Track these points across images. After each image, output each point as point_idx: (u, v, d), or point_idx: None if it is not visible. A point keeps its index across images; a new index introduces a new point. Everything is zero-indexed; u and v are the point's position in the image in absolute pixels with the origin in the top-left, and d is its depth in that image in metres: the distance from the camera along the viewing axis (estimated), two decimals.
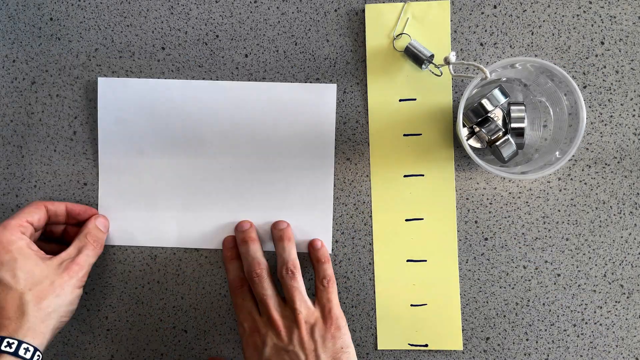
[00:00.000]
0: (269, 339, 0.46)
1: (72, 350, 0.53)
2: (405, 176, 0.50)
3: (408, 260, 0.50)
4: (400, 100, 0.50)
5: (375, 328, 0.50)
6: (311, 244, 0.50)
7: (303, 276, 0.49)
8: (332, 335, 0.46)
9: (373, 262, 0.50)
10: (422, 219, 0.50)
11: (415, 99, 0.49)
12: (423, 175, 0.50)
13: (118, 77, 0.51)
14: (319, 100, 0.50)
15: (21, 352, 0.41)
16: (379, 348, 0.50)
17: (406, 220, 0.50)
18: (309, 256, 0.50)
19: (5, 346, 0.40)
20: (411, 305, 0.50)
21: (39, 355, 0.42)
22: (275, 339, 0.46)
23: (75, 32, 0.52)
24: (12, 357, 0.40)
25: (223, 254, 0.50)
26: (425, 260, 0.50)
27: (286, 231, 0.49)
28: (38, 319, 0.42)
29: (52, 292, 0.44)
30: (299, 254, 0.50)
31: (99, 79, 0.51)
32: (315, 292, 0.48)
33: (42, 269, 0.44)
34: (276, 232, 0.49)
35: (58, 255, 0.46)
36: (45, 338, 0.43)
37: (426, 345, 0.50)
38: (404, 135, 0.50)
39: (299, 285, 0.47)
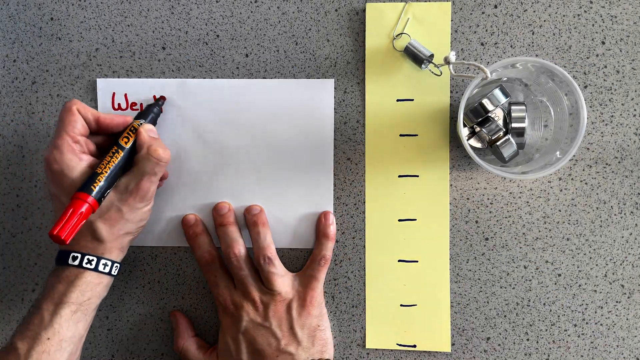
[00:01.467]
0: (245, 314, 0.47)
1: None
2: (400, 176, 0.50)
3: (399, 261, 0.50)
4: (397, 100, 0.50)
5: (365, 326, 0.50)
6: (324, 215, 0.50)
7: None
8: (309, 313, 0.47)
9: (365, 261, 0.50)
10: (415, 219, 0.50)
11: (412, 100, 0.49)
12: (418, 176, 0.50)
13: (119, 77, 0.51)
14: (317, 96, 0.50)
15: (100, 267, 0.44)
16: (367, 347, 0.50)
17: (399, 220, 0.50)
18: (316, 227, 0.50)
19: (86, 263, 0.44)
20: (401, 305, 0.50)
21: (116, 267, 0.46)
22: (253, 314, 0.47)
23: (76, 32, 0.52)
24: (93, 272, 0.44)
25: (185, 232, 0.50)
26: (417, 261, 0.50)
27: (260, 216, 0.49)
28: (112, 240, 0.45)
29: (121, 218, 0.44)
30: (295, 250, 0.50)
31: (98, 80, 0.51)
32: (307, 265, 0.49)
33: (108, 196, 0.44)
34: (250, 217, 0.49)
35: (124, 178, 0.45)
36: (122, 251, 0.46)
37: (414, 346, 0.50)
38: (400, 135, 0.50)
39: (278, 270, 0.48)
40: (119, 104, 0.51)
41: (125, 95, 0.51)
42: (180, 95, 0.51)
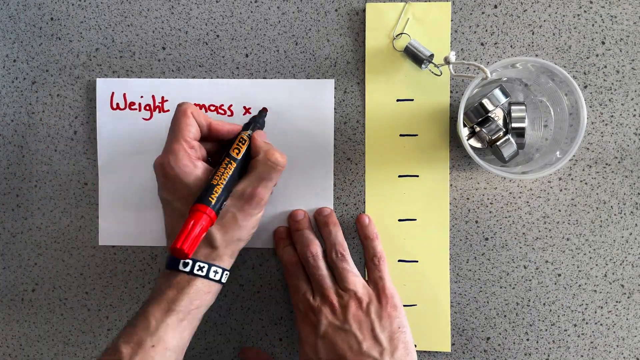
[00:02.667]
0: (324, 318, 0.45)
1: (72, 350, 0.53)
2: (400, 176, 0.50)
3: (399, 261, 0.50)
4: (397, 100, 0.50)
5: None
6: (359, 220, 0.49)
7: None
8: (389, 315, 0.45)
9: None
10: (415, 219, 0.50)
11: (412, 100, 0.49)
12: (418, 176, 0.50)
13: (119, 76, 0.51)
14: (317, 96, 0.50)
15: (211, 274, 0.44)
16: None
17: (399, 220, 0.50)
18: (358, 233, 0.50)
19: (197, 270, 0.43)
20: None
21: (226, 274, 0.45)
22: (331, 317, 0.45)
23: (76, 31, 0.52)
24: (204, 280, 0.43)
25: (276, 242, 0.50)
26: (417, 261, 0.50)
27: (330, 216, 0.49)
28: (225, 247, 0.44)
29: (235, 225, 0.44)
30: None
31: (98, 80, 0.51)
32: (367, 272, 0.48)
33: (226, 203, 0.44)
34: (321, 219, 0.49)
35: (239, 185, 0.44)
36: (232, 258, 0.46)
37: (415, 346, 0.50)
38: (400, 135, 0.50)
39: (351, 267, 0.47)
40: (117, 104, 0.51)
41: (124, 95, 0.51)
42: (180, 95, 0.51)
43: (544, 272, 0.49)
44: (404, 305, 0.50)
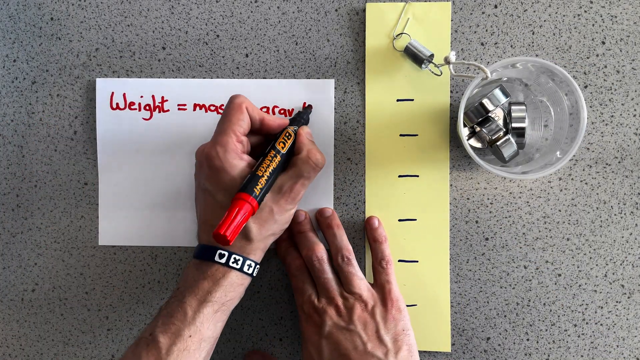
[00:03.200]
0: (329, 318, 0.45)
1: (72, 350, 0.53)
2: (400, 176, 0.50)
3: (399, 261, 0.50)
4: (397, 100, 0.50)
5: None
6: (368, 222, 0.49)
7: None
8: (394, 317, 0.46)
9: (365, 261, 0.50)
10: (415, 219, 0.50)
11: (412, 100, 0.49)
12: (418, 176, 0.50)
13: (118, 76, 0.51)
14: (317, 96, 0.50)
15: (245, 267, 0.44)
16: None
17: (399, 220, 0.50)
18: (366, 235, 0.50)
19: (233, 262, 0.43)
20: None
21: (257, 268, 0.45)
22: (336, 318, 0.45)
23: (76, 31, 0.52)
24: (238, 272, 0.44)
25: (278, 247, 0.50)
26: (417, 261, 0.50)
27: (333, 218, 0.49)
28: (259, 240, 0.44)
29: (271, 218, 0.44)
30: None
31: (97, 80, 0.51)
32: (374, 274, 0.48)
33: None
34: (323, 220, 0.49)
35: (279, 179, 0.44)
36: (263, 253, 0.46)
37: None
38: (400, 135, 0.50)
39: (356, 271, 0.47)
40: (117, 104, 0.51)
41: (124, 94, 0.51)
42: (180, 96, 0.51)
43: (544, 272, 0.49)
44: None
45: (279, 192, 0.44)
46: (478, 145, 0.48)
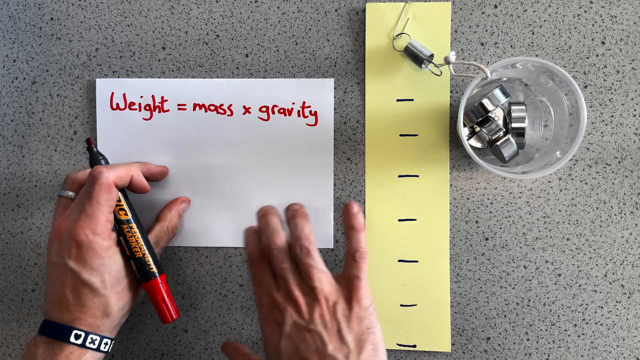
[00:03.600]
0: (289, 316, 0.43)
1: None
2: (399, 176, 0.50)
3: (399, 261, 0.50)
4: (397, 100, 0.50)
5: None
6: (346, 208, 0.47)
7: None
8: (357, 315, 0.43)
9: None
10: (415, 219, 0.50)
11: (412, 100, 0.49)
12: (418, 176, 0.50)
13: (119, 77, 0.51)
14: (317, 96, 0.50)
15: (102, 346, 0.44)
16: None
17: (399, 220, 0.50)
18: (343, 223, 0.48)
19: (90, 342, 0.43)
20: (401, 305, 0.50)
21: (112, 344, 0.45)
22: (296, 316, 0.43)
23: (76, 31, 0.52)
24: (95, 352, 0.43)
25: (245, 233, 0.48)
26: (417, 261, 0.50)
27: (299, 210, 0.46)
28: (118, 317, 0.45)
29: (130, 292, 0.45)
30: None
31: (97, 80, 0.51)
32: (344, 266, 0.45)
33: (123, 269, 0.44)
34: (289, 213, 0.46)
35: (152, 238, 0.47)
36: (116, 329, 0.46)
37: (414, 346, 0.50)
38: (400, 135, 0.50)
39: (316, 263, 0.44)
40: (117, 104, 0.51)
41: (124, 95, 0.51)
42: (180, 96, 0.51)
43: (544, 272, 0.49)
44: (404, 305, 0.50)
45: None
46: (478, 145, 0.48)
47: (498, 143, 0.46)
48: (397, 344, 0.50)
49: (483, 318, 0.50)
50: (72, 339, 0.42)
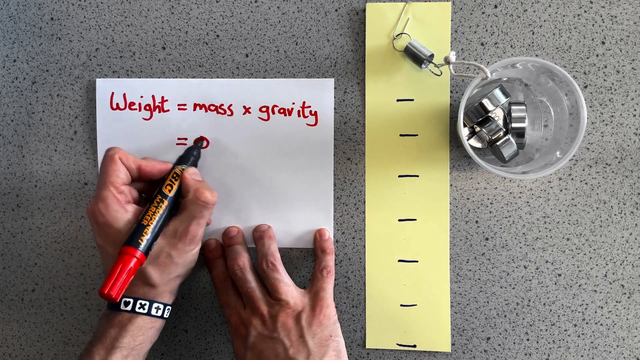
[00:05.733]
0: (253, 329, 0.45)
1: (72, 350, 0.53)
2: (400, 176, 0.50)
3: (400, 261, 0.50)
4: (397, 100, 0.50)
5: (365, 326, 0.50)
6: (319, 232, 0.50)
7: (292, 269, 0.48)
8: (320, 322, 0.45)
9: (365, 261, 0.50)
10: (415, 219, 0.50)
11: (412, 100, 0.49)
12: (418, 176, 0.50)
13: (119, 77, 0.51)
14: (317, 96, 0.50)
15: (153, 311, 0.44)
16: (367, 347, 0.50)
17: (399, 220, 0.50)
18: (314, 245, 0.50)
19: (139, 307, 0.44)
20: (401, 305, 0.50)
21: (168, 309, 0.46)
22: (260, 327, 0.45)
23: (76, 31, 0.52)
24: (146, 316, 0.44)
25: (205, 255, 0.50)
26: (417, 261, 0.50)
27: (267, 231, 0.49)
28: (163, 284, 0.44)
29: (171, 263, 0.44)
30: (295, 250, 0.50)
31: (97, 80, 0.51)
32: (311, 280, 0.48)
33: (157, 242, 0.44)
34: (257, 234, 0.49)
35: (171, 223, 0.44)
36: (173, 294, 0.46)
37: (414, 346, 0.50)
38: (400, 135, 0.50)
39: (282, 277, 0.47)
40: (117, 104, 0.51)
41: (124, 95, 0.51)
42: (180, 96, 0.51)
43: (544, 272, 0.49)
44: (404, 305, 0.50)
45: (175, 237, 0.44)
46: (478, 145, 0.48)
47: (498, 143, 0.46)
48: (397, 344, 0.50)
49: (483, 318, 0.50)
50: (122, 307, 0.44)
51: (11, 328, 0.53)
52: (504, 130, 0.46)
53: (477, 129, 0.47)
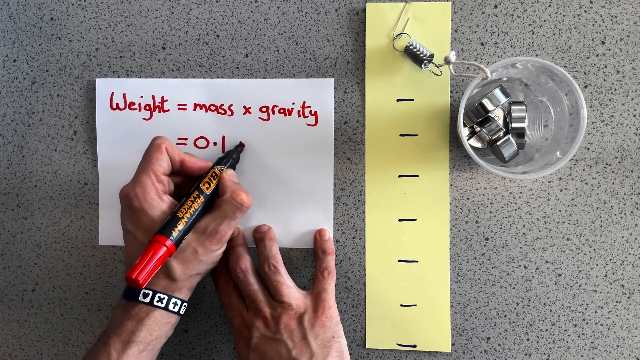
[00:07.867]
0: (256, 331, 0.45)
1: (72, 350, 0.53)
2: (400, 176, 0.50)
3: (400, 261, 0.50)
4: (397, 100, 0.50)
5: (365, 326, 0.50)
6: (319, 233, 0.50)
7: (295, 270, 0.48)
8: (323, 324, 0.45)
9: (365, 261, 0.50)
10: (415, 219, 0.50)
11: (412, 100, 0.49)
12: (418, 176, 0.50)
13: (119, 77, 0.51)
14: (317, 96, 0.50)
15: (170, 306, 0.44)
16: (367, 347, 0.50)
17: (399, 220, 0.50)
18: (314, 245, 0.50)
19: (157, 301, 0.43)
20: (401, 305, 0.50)
21: (185, 306, 0.45)
22: (263, 329, 0.45)
23: (76, 31, 0.52)
24: (163, 311, 0.44)
25: None
26: (417, 261, 0.50)
27: (268, 232, 0.49)
28: (184, 279, 0.44)
29: (195, 259, 0.44)
30: (295, 250, 0.50)
31: (97, 80, 0.51)
32: (313, 281, 0.48)
33: (186, 237, 0.43)
34: (258, 235, 0.49)
35: (203, 220, 0.44)
36: (190, 291, 0.46)
37: (414, 346, 0.50)
38: (400, 135, 0.50)
39: (285, 279, 0.47)
40: (117, 104, 0.51)
41: (124, 95, 0.51)
42: (180, 96, 0.51)
43: (544, 272, 0.49)
44: (404, 305, 0.50)
45: (204, 234, 0.43)
46: (478, 145, 0.48)
47: (498, 143, 0.46)
48: (397, 344, 0.50)
49: (483, 318, 0.50)
50: (140, 298, 0.43)
51: (11, 328, 0.53)
52: (504, 130, 0.46)
53: (477, 129, 0.47)
